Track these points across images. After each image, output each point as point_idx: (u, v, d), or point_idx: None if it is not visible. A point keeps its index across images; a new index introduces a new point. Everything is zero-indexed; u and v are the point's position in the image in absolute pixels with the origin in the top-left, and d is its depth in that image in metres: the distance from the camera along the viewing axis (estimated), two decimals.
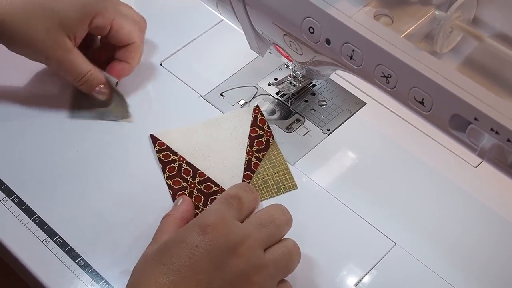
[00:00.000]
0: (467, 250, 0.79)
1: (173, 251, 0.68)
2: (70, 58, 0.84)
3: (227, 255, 0.68)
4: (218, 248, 0.68)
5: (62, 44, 0.83)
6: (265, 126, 0.86)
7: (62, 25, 0.82)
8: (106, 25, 0.85)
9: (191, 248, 0.67)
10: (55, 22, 0.81)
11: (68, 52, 0.83)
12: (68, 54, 0.83)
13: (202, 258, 0.67)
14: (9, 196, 0.81)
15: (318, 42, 0.71)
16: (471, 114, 0.62)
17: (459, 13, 0.66)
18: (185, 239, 0.68)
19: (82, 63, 0.85)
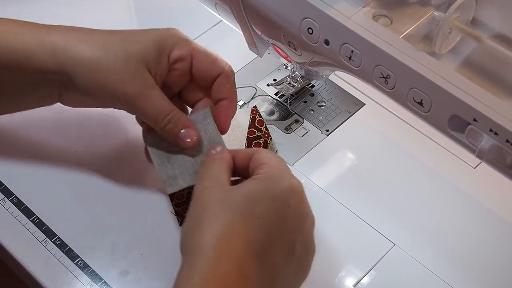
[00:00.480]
0: (466, 250, 0.79)
1: (268, 206, 0.65)
2: (150, 95, 0.74)
3: (305, 220, 0.68)
4: (302, 211, 0.67)
5: (143, 78, 0.74)
6: (263, 127, 0.86)
7: (142, 58, 0.74)
8: (186, 56, 0.76)
9: (285, 207, 0.66)
10: (135, 53, 0.74)
11: (149, 88, 0.74)
12: (148, 91, 0.74)
13: (292, 219, 0.66)
14: (8, 197, 0.81)
15: (317, 43, 0.71)
16: (470, 115, 0.62)
17: (458, 13, 0.66)
18: (279, 195, 0.66)
19: (163, 102, 0.74)
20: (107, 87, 0.74)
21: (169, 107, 0.74)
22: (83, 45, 0.74)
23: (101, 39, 0.74)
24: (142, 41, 0.74)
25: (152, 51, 0.74)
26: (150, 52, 0.74)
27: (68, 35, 0.75)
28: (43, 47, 0.74)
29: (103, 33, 0.75)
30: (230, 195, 0.66)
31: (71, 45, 0.74)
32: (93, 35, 0.75)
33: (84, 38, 0.74)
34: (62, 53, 0.74)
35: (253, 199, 0.65)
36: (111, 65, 0.73)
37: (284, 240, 0.66)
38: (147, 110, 0.74)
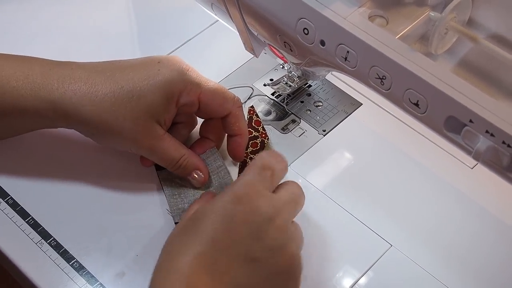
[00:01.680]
0: (463, 251, 0.79)
1: (209, 221, 0.67)
2: (161, 146, 0.78)
3: (265, 226, 0.68)
4: (255, 218, 0.68)
5: (152, 132, 0.77)
6: (260, 128, 0.85)
7: (150, 112, 0.76)
8: (194, 101, 0.79)
9: (228, 218, 0.67)
10: (142, 110, 0.76)
11: (159, 139, 0.78)
12: (158, 142, 0.78)
13: (240, 228, 0.67)
14: (3, 198, 0.81)
15: (313, 43, 0.71)
16: (466, 116, 0.62)
17: (454, 14, 0.66)
18: (221, 209, 0.68)
19: (174, 150, 0.79)
20: (117, 143, 0.79)
21: (179, 153, 0.79)
22: (90, 106, 0.76)
23: (107, 98, 0.76)
24: (149, 94, 0.76)
25: (160, 103, 0.77)
26: (158, 104, 0.77)
27: (71, 91, 0.76)
28: (47, 106, 0.76)
29: (108, 86, 0.76)
30: (183, 219, 0.72)
31: (76, 106, 0.76)
32: (98, 90, 0.76)
33: (90, 97, 0.76)
34: (68, 115, 0.77)
35: (196, 217, 0.69)
36: (120, 128, 0.76)
37: (236, 249, 0.67)
38: (159, 158, 0.79)
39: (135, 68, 0.78)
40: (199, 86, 0.78)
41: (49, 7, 1.00)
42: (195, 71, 0.79)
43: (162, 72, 0.77)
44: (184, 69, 0.78)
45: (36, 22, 0.99)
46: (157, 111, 0.77)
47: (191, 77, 0.78)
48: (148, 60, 0.78)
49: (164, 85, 0.76)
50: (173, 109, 0.78)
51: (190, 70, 0.78)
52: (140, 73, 0.77)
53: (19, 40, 0.97)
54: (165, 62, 0.78)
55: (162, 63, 0.77)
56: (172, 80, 0.77)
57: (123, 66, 0.78)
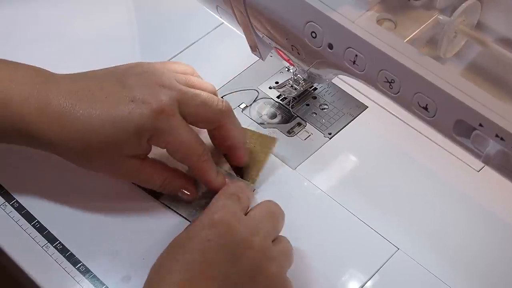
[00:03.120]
0: (470, 254, 0.79)
1: (185, 247, 0.68)
2: (139, 176, 0.78)
3: (241, 248, 0.68)
4: (231, 241, 0.68)
5: (128, 167, 0.77)
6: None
7: (119, 151, 0.75)
8: (167, 141, 0.76)
9: (203, 243, 0.67)
10: (112, 149, 0.75)
11: (136, 171, 0.77)
12: (136, 173, 0.78)
13: (216, 252, 0.67)
14: (9, 201, 0.81)
15: (321, 47, 0.71)
16: (475, 120, 0.62)
17: (463, 17, 0.66)
18: (196, 235, 0.68)
19: (155, 175, 0.78)
20: (94, 169, 0.79)
21: (161, 178, 0.79)
22: (63, 134, 0.75)
23: (80, 128, 0.74)
24: (118, 134, 0.74)
25: (131, 144, 0.75)
26: (128, 145, 0.75)
27: (42, 122, 0.75)
28: (23, 137, 0.76)
29: (81, 115, 0.74)
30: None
31: (51, 136, 0.75)
32: (70, 120, 0.74)
33: (63, 125, 0.74)
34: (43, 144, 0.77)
35: (177, 244, 0.70)
36: (95, 155, 0.76)
37: (214, 274, 0.67)
38: (141, 183, 0.81)
39: (106, 104, 0.74)
40: (170, 131, 0.75)
41: (50, 11, 1.00)
42: (171, 109, 0.75)
43: (133, 114, 0.74)
44: (157, 111, 0.74)
45: (37, 26, 0.98)
46: (128, 150, 0.76)
47: (162, 122, 0.74)
48: (121, 97, 0.75)
49: (133, 129, 0.74)
50: (145, 145, 0.76)
51: (164, 111, 0.74)
52: (110, 112, 0.74)
53: (20, 44, 0.96)
54: (138, 102, 0.74)
55: (135, 103, 0.74)
56: (142, 126, 0.74)
57: (96, 98, 0.75)
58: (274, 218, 0.73)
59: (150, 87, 0.75)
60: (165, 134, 0.75)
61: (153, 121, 0.74)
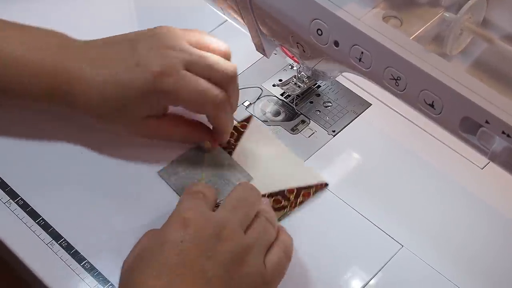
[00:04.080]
0: (473, 252, 0.79)
1: (159, 252, 0.67)
2: (159, 134, 0.83)
3: (214, 243, 0.68)
4: (203, 238, 0.68)
5: (146, 127, 0.81)
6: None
7: (136, 113, 0.80)
8: (175, 105, 0.81)
9: (176, 245, 0.67)
10: (130, 113, 0.79)
11: (155, 131, 0.82)
12: (155, 133, 0.82)
13: (190, 251, 0.67)
14: (14, 199, 0.81)
15: (326, 44, 0.71)
16: (482, 117, 0.62)
17: (469, 15, 0.66)
18: (167, 238, 0.68)
19: (173, 134, 0.83)
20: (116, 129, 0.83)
21: (181, 135, 0.84)
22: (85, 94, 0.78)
23: (98, 90, 0.78)
24: (126, 99, 0.78)
25: (140, 108, 0.79)
26: (138, 108, 0.79)
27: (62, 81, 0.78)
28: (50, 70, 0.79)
29: (98, 80, 0.78)
30: (136, 247, 0.71)
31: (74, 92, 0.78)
32: (89, 83, 0.78)
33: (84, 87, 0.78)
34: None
35: (149, 248, 0.69)
36: (113, 116, 0.80)
37: (191, 272, 0.66)
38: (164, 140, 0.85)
39: (117, 69, 0.78)
40: (176, 91, 0.77)
41: (51, 9, 1.00)
42: (173, 70, 0.77)
43: (137, 79, 0.77)
44: (158, 74, 0.76)
45: (39, 25, 0.98)
46: (141, 112, 0.79)
47: (165, 84, 0.77)
48: (129, 61, 0.78)
49: (140, 93, 0.77)
50: (159, 107, 0.80)
51: (165, 73, 0.76)
52: (119, 77, 0.77)
53: None
54: (142, 66, 0.77)
55: (139, 66, 0.77)
56: (147, 89, 0.77)
57: (111, 63, 0.78)
58: (245, 204, 0.73)
59: (156, 50, 0.77)
60: (171, 94, 0.77)
61: (156, 84, 0.76)
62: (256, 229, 0.72)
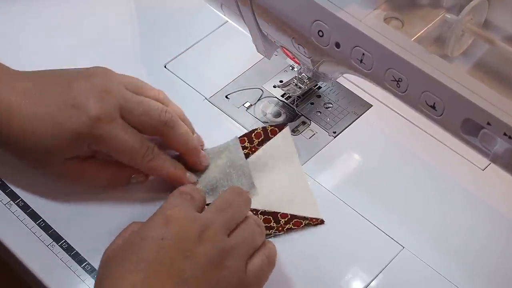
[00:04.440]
0: (475, 253, 0.79)
1: (138, 247, 0.67)
2: (83, 178, 0.80)
3: (194, 243, 0.68)
4: (184, 237, 0.68)
5: (68, 169, 0.79)
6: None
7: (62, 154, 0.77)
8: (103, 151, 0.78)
9: (157, 241, 0.67)
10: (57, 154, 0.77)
11: (78, 174, 0.79)
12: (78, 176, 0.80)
13: (170, 249, 0.67)
14: (14, 200, 0.81)
15: (328, 46, 0.70)
16: (483, 119, 0.62)
17: (470, 16, 0.66)
18: (149, 234, 0.68)
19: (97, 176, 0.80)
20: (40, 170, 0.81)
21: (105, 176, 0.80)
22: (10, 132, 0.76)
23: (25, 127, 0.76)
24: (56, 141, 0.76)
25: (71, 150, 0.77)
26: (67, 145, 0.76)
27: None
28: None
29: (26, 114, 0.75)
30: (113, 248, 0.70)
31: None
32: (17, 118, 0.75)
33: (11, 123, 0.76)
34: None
35: (127, 246, 0.69)
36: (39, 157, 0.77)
37: (168, 270, 0.66)
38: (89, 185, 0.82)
39: (51, 107, 0.76)
40: (109, 138, 0.76)
41: (52, 9, 1.00)
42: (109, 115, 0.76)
43: (72, 120, 0.75)
44: (94, 118, 0.75)
45: (40, 25, 0.98)
46: (68, 153, 0.77)
47: (100, 129, 0.75)
48: (65, 101, 0.76)
49: (72, 135, 0.75)
50: (87, 150, 0.78)
51: (102, 119, 0.75)
52: (51, 116, 0.75)
53: (22, 43, 0.96)
54: (78, 108, 0.75)
55: (76, 108, 0.75)
56: (80, 132, 0.75)
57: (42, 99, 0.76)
58: (231, 207, 0.72)
59: (94, 93, 0.76)
60: (104, 140, 0.76)
61: (91, 129, 0.75)
62: (242, 232, 0.71)
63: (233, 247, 0.70)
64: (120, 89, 0.78)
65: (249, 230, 0.72)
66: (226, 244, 0.69)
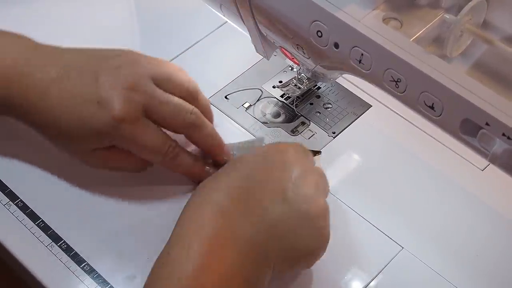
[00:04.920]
0: (474, 253, 0.79)
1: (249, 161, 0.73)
2: (109, 166, 0.80)
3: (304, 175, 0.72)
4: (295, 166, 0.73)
5: (95, 158, 0.79)
6: None
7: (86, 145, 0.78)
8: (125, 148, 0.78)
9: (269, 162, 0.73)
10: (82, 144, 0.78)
11: (104, 162, 0.80)
12: (104, 164, 0.80)
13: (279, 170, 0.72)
14: (13, 201, 0.81)
15: (326, 46, 0.70)
16: (482, 119, 0.62)
17: (469, 16, 0.66)
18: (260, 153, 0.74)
19: (123, 164, 0.81)
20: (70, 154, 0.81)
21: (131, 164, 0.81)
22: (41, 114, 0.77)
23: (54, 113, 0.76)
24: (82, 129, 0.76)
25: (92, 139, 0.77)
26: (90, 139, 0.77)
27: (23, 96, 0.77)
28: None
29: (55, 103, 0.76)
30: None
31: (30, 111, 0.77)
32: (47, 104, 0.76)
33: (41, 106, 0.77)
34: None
35: (236, 160, 0.74)
36: (66, 142, 0.79)
37: (272, 185, 0.70)
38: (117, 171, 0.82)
39: (76, 99, 0.76)
40: (131, 138, 0.76)
41: (51, 9, 1.00)
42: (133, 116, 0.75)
43: (96, 118, 0.75)
44: (118, 119, 0.75)
45: (39, 26, 0.98)
46: (91, 145, 0.77)
47: (122, 130, 0.75)
48: (90, 95, 0.75)
49: (95, 132, 0.76)
50: (109, 143, 0.78)
51: (125, 120, 0.75)
52: (76, 109, 0.75)
53: None
54: (103, 105, 0.75)
55: (100, 104, 0.75)
56: (103, 131, 0.75)
57: (71, 88, 0.76)
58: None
59: (120, 89, 0.75)
60: (126, 140, 0.76)
61: (113, 129, 0.75)
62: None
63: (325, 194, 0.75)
64: (147, 84, 0.76)
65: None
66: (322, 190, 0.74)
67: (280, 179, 0.71)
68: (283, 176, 0.71)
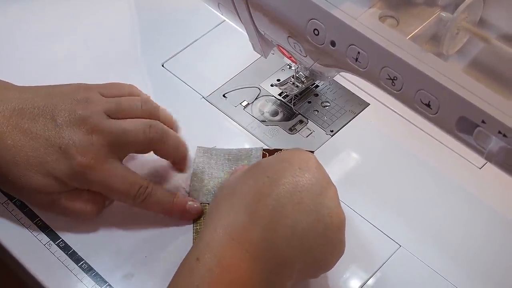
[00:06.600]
0: (472, 251, 0.79)
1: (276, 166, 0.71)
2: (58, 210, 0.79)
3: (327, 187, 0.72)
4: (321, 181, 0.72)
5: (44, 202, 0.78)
6: None
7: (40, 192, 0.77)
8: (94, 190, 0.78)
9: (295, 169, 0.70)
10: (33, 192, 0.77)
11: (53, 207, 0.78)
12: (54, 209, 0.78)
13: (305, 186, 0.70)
14: (11, 199, 0.81)
15: (323, 44, 0.70)
16: (478, 117, 0.62)
17: (465, 14, 0.66)
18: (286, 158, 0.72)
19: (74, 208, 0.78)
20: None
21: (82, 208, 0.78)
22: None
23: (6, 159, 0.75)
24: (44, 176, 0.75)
25: (54, 186, 0.76)
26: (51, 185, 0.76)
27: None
28: None
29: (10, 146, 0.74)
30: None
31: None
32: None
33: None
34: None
35: (264, 162, 0.72)
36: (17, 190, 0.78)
37: (299, 197, 0.68)
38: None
39: (36, 142, 0.75)
40: (98, 181, 0.76)
41: (51, 9, 1.00)
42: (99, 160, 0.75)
43: (60, 165, 0.75)
44: (84, 165, 0.75)
45: (40, 25, 0.98)
46: (50, 191, 0.76)
47: (89, 175, 0.75)
48: (51, 139, 0.75)
49: (60, 178, 0.75)
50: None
51: (90, 166, 0.75)
52: (37, 155, 0.75)
53: (23, 43, 0.96)
54: (66, 152, 0.74)
55: (63, 152, 0.75)
56: (68, 177, 0.75)
57: (28, 131, 0.75)
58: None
59: (80, 135, 0.75)
60: (93, 184, 0.76)
61: (80, 174, 0.75)
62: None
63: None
64: (104, 123, 0.76)
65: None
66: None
67: (308, 191, 0.69)
68: (312, 190, 0.70)
